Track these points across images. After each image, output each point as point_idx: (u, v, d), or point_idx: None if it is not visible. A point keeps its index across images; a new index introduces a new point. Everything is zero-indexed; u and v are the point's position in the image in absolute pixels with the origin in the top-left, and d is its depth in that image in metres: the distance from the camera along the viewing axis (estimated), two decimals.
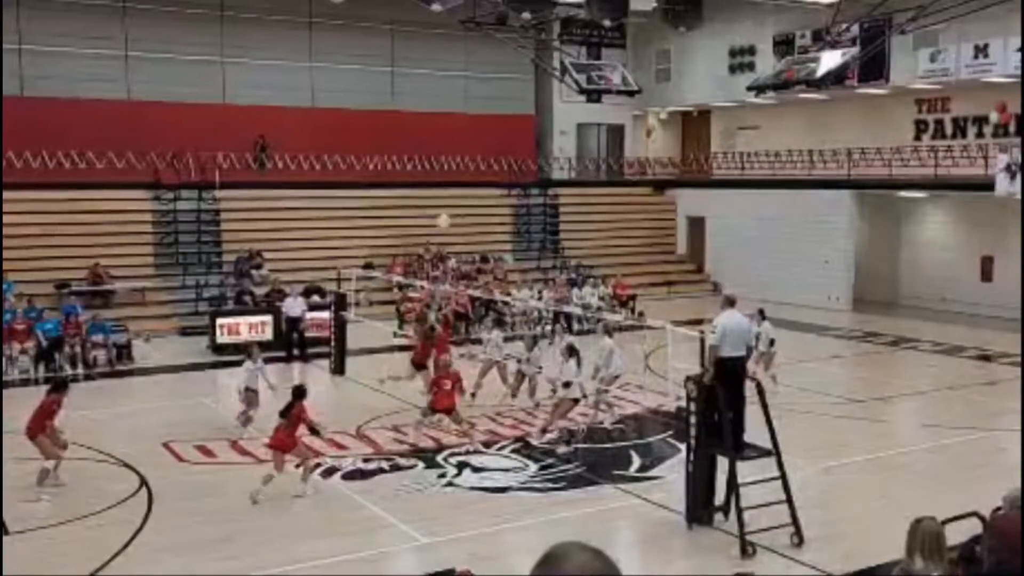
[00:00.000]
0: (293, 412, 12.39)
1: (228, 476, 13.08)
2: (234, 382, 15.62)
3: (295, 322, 21.02)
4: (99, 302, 23.28)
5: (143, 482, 12.50)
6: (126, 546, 10.47)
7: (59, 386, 13.13)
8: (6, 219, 23.25)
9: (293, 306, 21.16)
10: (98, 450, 13.90)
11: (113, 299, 23.87)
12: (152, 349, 21.52)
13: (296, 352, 20.78)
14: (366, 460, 13.54)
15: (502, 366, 17.08)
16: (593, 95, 26.01)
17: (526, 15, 23.26)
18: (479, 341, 18.72)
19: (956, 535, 6.49)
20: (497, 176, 31.30)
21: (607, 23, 26.40)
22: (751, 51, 32.08)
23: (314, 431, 12.84)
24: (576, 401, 14.95)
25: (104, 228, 25.42)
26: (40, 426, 12.37)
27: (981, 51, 25.33)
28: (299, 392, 12.65)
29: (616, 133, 36.34)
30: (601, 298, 25.52)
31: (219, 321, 21.95)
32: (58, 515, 11.27)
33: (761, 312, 17.62)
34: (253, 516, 11.53)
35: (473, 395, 16.40)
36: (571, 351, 14.82)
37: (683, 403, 11.59)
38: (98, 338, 20.34)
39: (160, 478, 12.65)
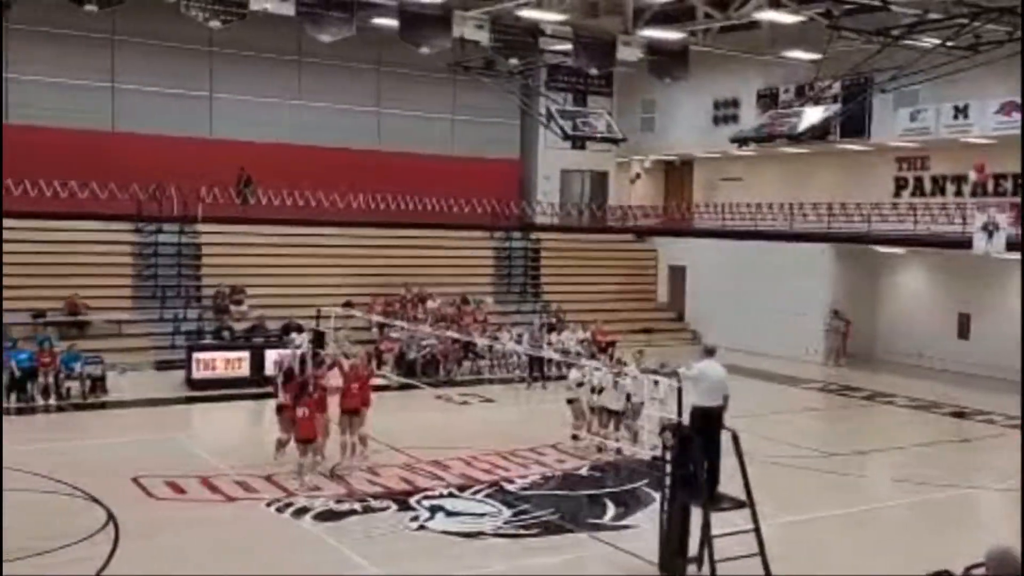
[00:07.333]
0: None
1: (197, 514, 12.92)
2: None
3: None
4: (75, 333, 23.08)
5: (110, 517, 12.32)
6: None
7: None
8: None
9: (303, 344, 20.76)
10: (67, 483, 13.70)
11: (89, 330, 23.66)
12: (126, 382, 21.32)
13: None
14: (339, 501, 13.41)
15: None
16: (578, 142, 26.33)
17: (513, 60, 23.50)
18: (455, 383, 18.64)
19: None
20: (480, 219, 31.43)
21: (594, 71, 26.68)
22: (735, 103, 32.52)
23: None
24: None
25: (83, 259, 25.29)
26: None
27: (960, 112, 25.78)
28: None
29: (600, 180, 36.64)
30: (580, 343, 25.50)
31: (196, 355, 21.80)
32: (23, 548, 11.05)
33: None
34: (220, 556, 11.37)
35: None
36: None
37: (658, 452, 11.56)
38: (72, 369, 20.14)
39: (128, 514, 12.47)
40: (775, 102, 29.87)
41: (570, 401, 17.15)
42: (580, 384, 16.95)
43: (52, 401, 19.66)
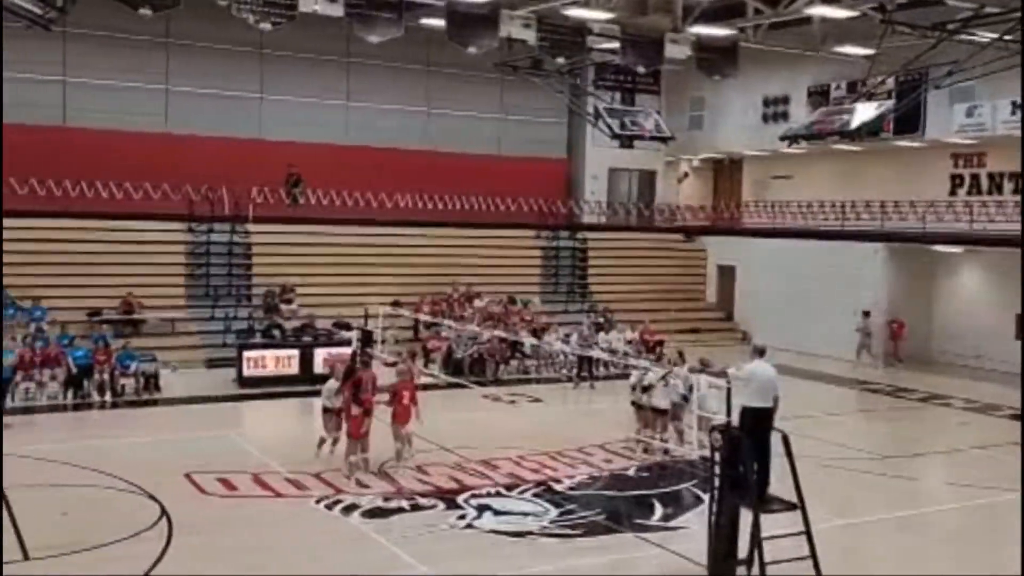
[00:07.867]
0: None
1: (248, 511, 13.07)
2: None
3: None
4: (129, 331, 23.49)
5: (164, 513, 12.52)
6: None
7: None
8: (42, 247, 23.68)
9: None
10: (121, 478, 13.94)
11: (143, 329, 24.07)
12: (178, 380, 21.64)
13: None
14: (387, 499, 13.49)
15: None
16: (625, 141, 26.14)
17: (560, 60, 23.41)
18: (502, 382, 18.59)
19: None
20: (528, 218, 31.44)
21: (642, 70, 26.50)
22: (785, 100, 32.14)
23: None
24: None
25: (138, 258, 25.72)
26: None
27: (1018, 107, 25.21)
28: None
29: (648, 179, 36.46)
30: (628, 343, 25.37)
31: (246, 354, 22.06)
32: (79, 543, 11.27)
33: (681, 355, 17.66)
34: (268, 552, 11.48)
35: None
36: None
37: (707, 452, 11.46)
38: (127, 367, 20.50)
39: (181, 510, 12.65)
40: (826, 99, 29.44)
41: (634, 404, 17.12)
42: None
43: (107, 398, 20.03)
